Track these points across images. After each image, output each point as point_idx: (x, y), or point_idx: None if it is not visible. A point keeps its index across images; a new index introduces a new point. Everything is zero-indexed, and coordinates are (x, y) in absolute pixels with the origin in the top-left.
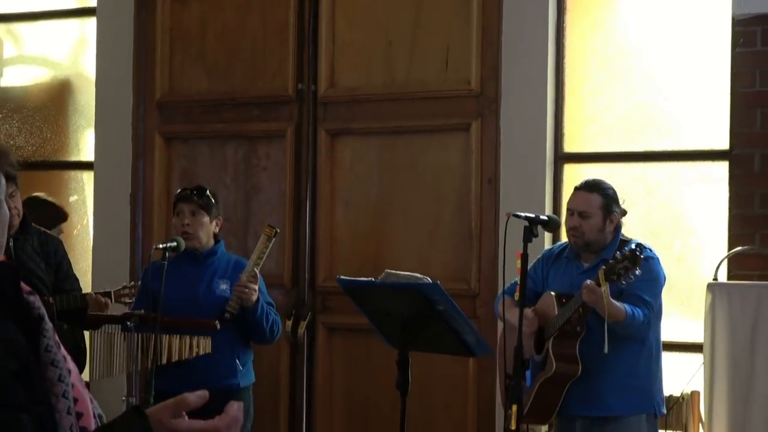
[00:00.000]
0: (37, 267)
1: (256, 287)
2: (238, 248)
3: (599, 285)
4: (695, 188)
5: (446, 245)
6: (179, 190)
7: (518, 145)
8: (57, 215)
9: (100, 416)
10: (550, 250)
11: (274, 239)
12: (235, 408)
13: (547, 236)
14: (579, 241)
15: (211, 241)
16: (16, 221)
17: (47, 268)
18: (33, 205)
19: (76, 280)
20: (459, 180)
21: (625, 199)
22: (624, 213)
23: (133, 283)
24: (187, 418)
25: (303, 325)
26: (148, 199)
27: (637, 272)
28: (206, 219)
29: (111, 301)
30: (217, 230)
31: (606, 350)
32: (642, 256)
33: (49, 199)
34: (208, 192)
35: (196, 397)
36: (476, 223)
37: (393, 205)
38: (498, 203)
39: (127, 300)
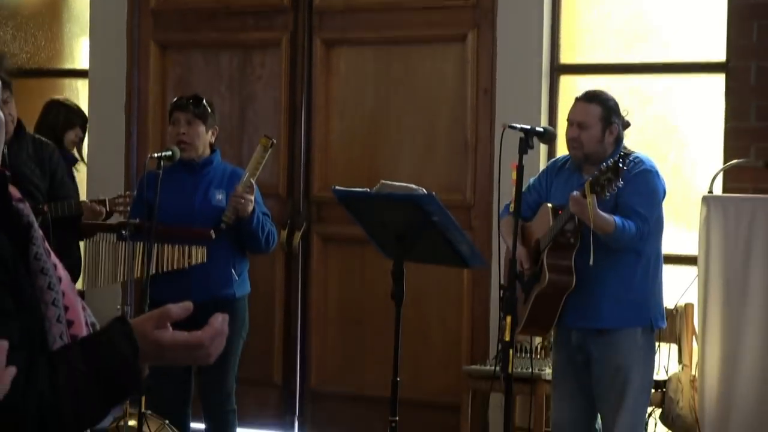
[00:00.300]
0: (32, 173)
1: (252, 198)
2: (233, 157)
3: (585, 197)
4: (691, 101)
5: (441, 156)
6: (175, 99)
7: (514, 55)
8: (78, 116)
9: (92, 324)
10: (554, 161)
11: (270, 150)
12: (219, 321)
13: (543, 148)
14: (578, 153)
15: (207, 151)
16: (11, 128)
17: (42, 175)
18: (54, 108)
19: (73, 188)
20: (454, 91)
21: (628, 111)
22: (627, 125)
23: (128, 192)
24: (171, 329)
25: (298, 235)
26: (143, 107)
27: (620, 184)
28: (202, 128)
29: (106, 209)
30: (213, 140)
31: (591, 262)
32: (624, 168)
33: (68, 102)
34: (204, 101)
35: (180, 308)
36: (472, 134)
37: (388, 116)
38: (494, 114)
39: (122, 209)
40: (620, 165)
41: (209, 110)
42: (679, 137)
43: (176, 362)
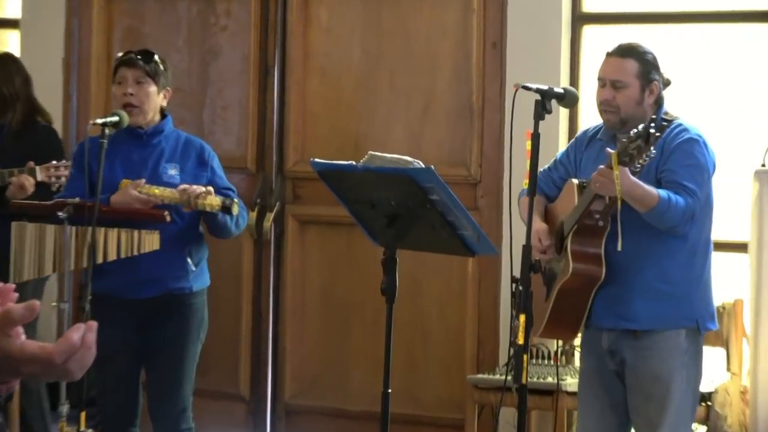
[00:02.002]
0: None
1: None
2: (191, 125)
3: (611, 169)
4: (736, 55)
5: (442, 123)
6: (121, 54)
7: (529, 2)
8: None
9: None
10: (584, 131)
11: (220, 213)
12: (76, 334)
13: (563, 113)
14: (612, 118)
15: (158, 117)
16: None
17: None
18: None
19: None
20: (457, 44)
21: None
22: (668, 83)
23: (64, 161)
24: (24, 336)
25: (270, 217)
26: (85, 64)
27: (652, 153)
28: (153, 89)
29: (35, 179)
30: (164, 103)
31: (619, 247)
32: (657, 134)
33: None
34: (156, 57)
35: (23, 309)
36: (478, 96)
37: (379, 74)
38: (504, 73)
39: (57, 180)
40: (651, 129)
41: (162, 68)
42: (723, 99)
43: (37, 377)
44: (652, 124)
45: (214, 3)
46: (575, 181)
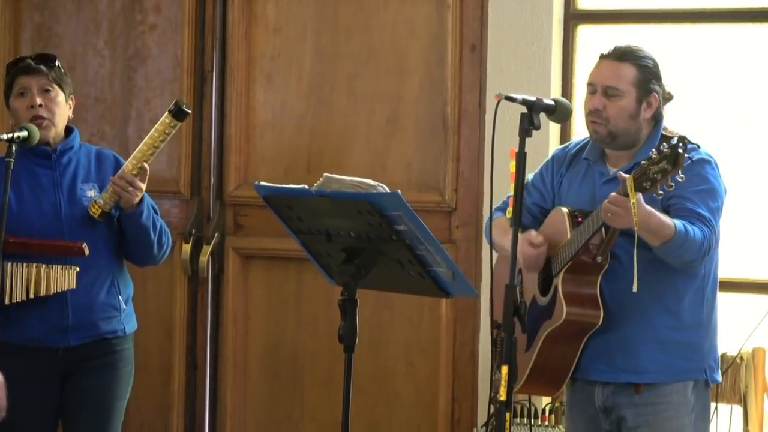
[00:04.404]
0: None
1: (143, 186)
2: (114, 140)
3: (626, 197)
4: (746, 59)
5: (410, 139)
6: (13, 60)
7: None
8: None
9: None
10: (563, 148)
11: (179, 123)
12: None
13: (554, 129)
14: (601, 131)
15: (62, 130)
16: None
17: None
18: None
19: None
20: (429, 46)
21: (669, 82)
22: (668, 98)
23: None
24: None
25: (207, 250)
26: None
27: (679, 178)
28: (61, 97)
29: None
30: (71, 114)
31: (635, 287)
32: (686, 155)
33: None
34: (57, 61)
35: None
36: (453, 107)
37: (335, 81)
38: (484, 80)
39: None
40: (680, 150)
41: (64, 72)
42: (731, 109)
43: None
44: (680, 143)
45: None
46: (565, 209)
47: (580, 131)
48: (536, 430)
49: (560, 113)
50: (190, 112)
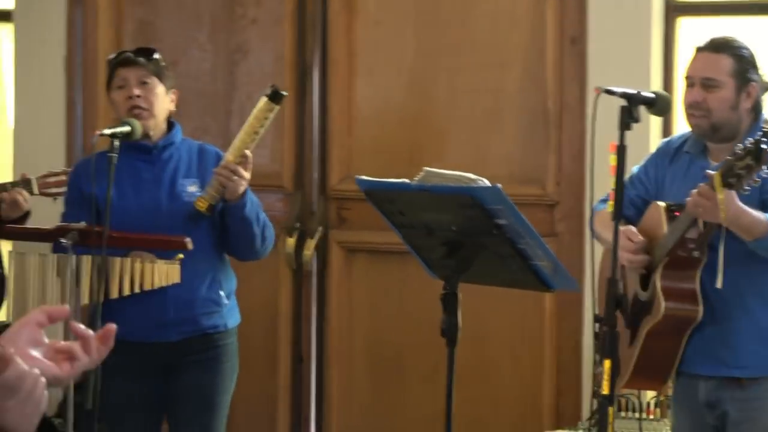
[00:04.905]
0: None
1: (248, 174)
2: (217, 135)
3: (713, 190)
4: None
5: (511, 132)
6: (113, 55)
7: None
8: None
9: None
10: (667, 142)
11: (277, 106)
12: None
13: (655, 121)
14: (703, 123)
15: (164, 125)
16: None
17: None
18: None
19: None
20: (529, 38)
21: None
22: (767, 87)
23: (63, 169)
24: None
25: (311, 244)
26: (91, 63)
27: (764, 172)
28: (161, 89)
29: (32, 192)
30: (173, 107)
31: (719, 284)
32: None
33: None
34: (156, 54)
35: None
36: (555, 100)
37: (436, 74)
38: (585, 72)
39: (55, 190)
40: (763, 144)
41: (164, 65)
42: None
43: None
44: (765, 138)
45: None
46: (662, 204)
47: (682, 124)
48: (642, 424)
49: (660, 106)
50: (286, 94)
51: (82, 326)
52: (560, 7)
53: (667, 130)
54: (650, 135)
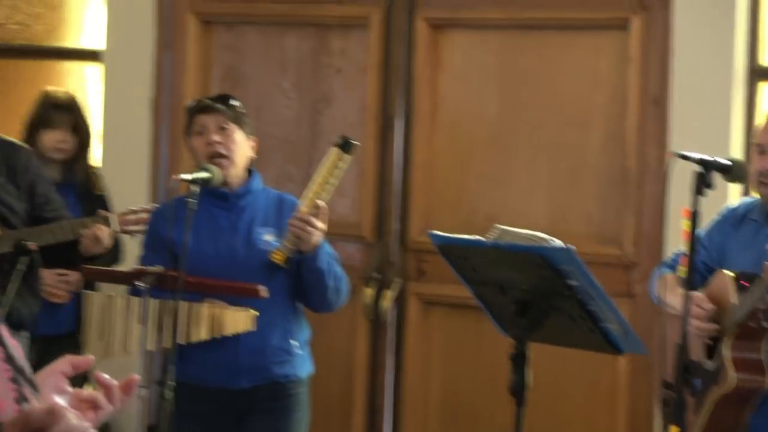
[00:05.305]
0: (4, 191)
1: (322, 225)
2: (298, 183)
3: None
4: None
5: (591, 191)
6: (192, 103)
7: (697, 52)
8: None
9: None
10: (732, 209)
11: (349, 156)
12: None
13: (733, 187)
14: None
15: (243, 173)
16: None
17: (18, 192)
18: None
19: (62, 205)
20: (611, 98)
21: None
22: None
23: (142, 206)
24: None
25: (389, 295)
26: (177, 107)
27: None
28: (240, 135)
29: (111, 228)
30: (252, 154)
31: None
32: None
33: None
34: (234, 100)
35: (44, 413)
36: (635, 161)
37: (517, 129)
38: (666, 134)
39: (135, 228)
40: None
41: (243, 112)
42: None
43: None
44: None
45: (328, 40)
46: (729, 272)
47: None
48: None
49: (735, 174)
50: (356, 144)
51: (105, 376)
52: (644, 68)
53: (746, 195)
54: (728, 201)
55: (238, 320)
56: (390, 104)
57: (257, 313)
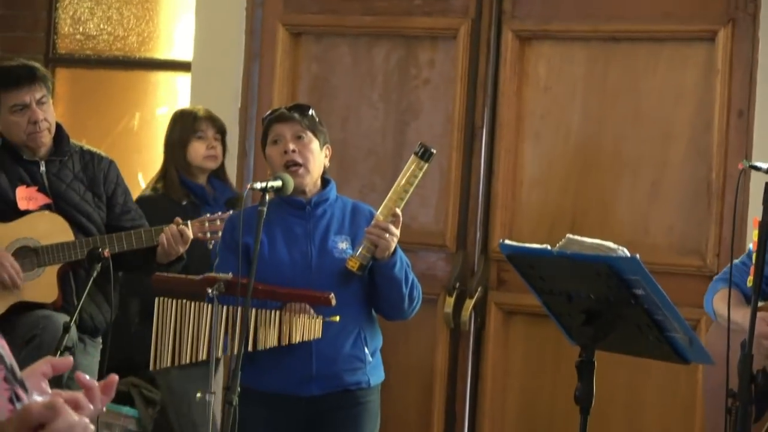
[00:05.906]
0: (82, 199)
1: (397, 232)
2: (384, 193)
3: None
4: None
5: (674, 202)
6: (269, 112)
7: None
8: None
9: None
10: None
11: (427, 164)
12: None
13: None
14: None
15: (319, 182)
16: (47, 138)
17: (96, 200)
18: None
19: (140, 215)
20: (696, 110)
21: None
22: None
23: (218, 214)
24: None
25: (470, 304)
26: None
27: None
28: (316, 144)
29: (188, 233)
30: (327, 163)
31: None
32: None
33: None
34: (311, 110)
35: (43, 408)
36: (719, 172)
37: (602, 141)
38: (750, 146)
39: (210, 235)
40: None
41: (319, 121)
42: None
43: None
44: None
45: (417, 52)
46: None
47: None
48: None
49: None
50: (435, 152)
51: (86, 377)
52: (729, 80)
53: None
54: None
55: (307, 328)
56: (475, 116)
57: (337, 319)
